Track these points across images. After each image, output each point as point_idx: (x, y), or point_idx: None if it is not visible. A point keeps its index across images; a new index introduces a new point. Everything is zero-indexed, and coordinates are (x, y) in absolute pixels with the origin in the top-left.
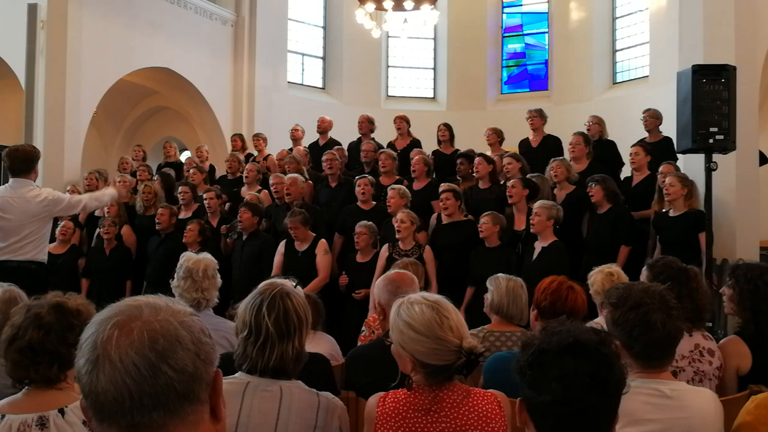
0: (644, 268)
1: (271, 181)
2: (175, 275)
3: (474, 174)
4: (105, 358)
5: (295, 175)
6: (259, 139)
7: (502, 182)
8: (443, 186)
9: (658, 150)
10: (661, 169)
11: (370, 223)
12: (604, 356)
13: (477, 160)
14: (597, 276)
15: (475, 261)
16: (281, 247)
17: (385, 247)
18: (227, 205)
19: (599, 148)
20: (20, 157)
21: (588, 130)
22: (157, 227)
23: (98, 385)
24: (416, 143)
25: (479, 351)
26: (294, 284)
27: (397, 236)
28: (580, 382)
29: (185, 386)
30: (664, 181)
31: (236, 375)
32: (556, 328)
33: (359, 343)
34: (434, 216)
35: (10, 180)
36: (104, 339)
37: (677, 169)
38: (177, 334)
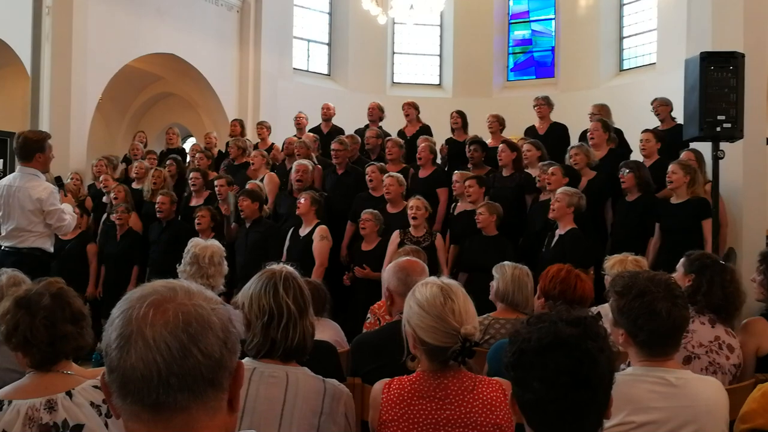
0: (682, 258)
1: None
2: (182, 260)
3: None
4: (138, 335)
5: (306, 161)
6: (262, 127)
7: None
8: (457, 174)
9: (671, 137)
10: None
11: (376, 211)
12: (586, 351)
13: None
14: (626, 265)
15: (470, 248)
16: (289, 235)
17: (396, 233)
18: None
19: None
20: (20, 143)
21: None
22: (158, 215)
23: (128, 361)
24: (426, 129)
25: (475, 340)
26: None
27: (411, 223)
28: (562, 380)
29: (211, 371)
30: None
31: (242, 360)
32: (538, 322)
33: (364, 330)
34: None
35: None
36: (139, 316)
37: (701, 156)
38: (209, 319)
